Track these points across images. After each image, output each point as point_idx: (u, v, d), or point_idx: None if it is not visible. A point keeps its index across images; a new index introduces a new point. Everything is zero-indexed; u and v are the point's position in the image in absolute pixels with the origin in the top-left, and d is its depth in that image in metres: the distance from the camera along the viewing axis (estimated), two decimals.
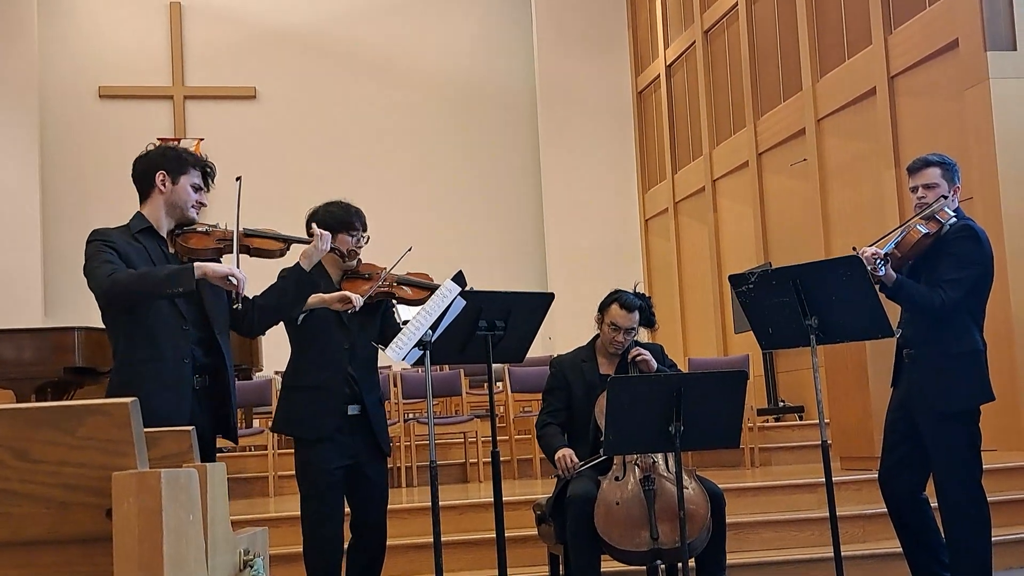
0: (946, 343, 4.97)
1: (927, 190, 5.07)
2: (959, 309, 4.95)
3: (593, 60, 17.53)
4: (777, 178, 13.43)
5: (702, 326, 15.52)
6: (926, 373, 5.01)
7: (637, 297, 5.59)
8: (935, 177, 5.07)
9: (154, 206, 4.33)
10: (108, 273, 4.03)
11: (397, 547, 6.39)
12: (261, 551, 2.86)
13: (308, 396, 4.92)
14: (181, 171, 4.29)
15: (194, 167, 4.32)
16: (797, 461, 9.62)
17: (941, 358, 4.98)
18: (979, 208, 9.42)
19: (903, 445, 5.14)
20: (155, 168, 4.31)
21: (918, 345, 5.05)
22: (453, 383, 10.18)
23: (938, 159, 5.14)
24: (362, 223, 5.00)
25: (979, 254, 5.00)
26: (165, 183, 4.28)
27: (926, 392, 4.99)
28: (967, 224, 5.04)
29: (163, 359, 4.12)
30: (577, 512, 5.13)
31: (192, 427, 2.69)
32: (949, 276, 4.93)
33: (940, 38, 10.14)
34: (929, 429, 4.99)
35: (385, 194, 15.90)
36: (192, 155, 4.38)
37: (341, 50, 17.59)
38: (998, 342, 9.11)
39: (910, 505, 5.15)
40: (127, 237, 4.22)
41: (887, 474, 5.21)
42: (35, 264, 15.93)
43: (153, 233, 4.29)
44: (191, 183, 4.30)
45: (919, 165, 5.14)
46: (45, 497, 2.30)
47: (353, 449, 4.91)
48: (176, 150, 4.38)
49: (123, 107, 17.01)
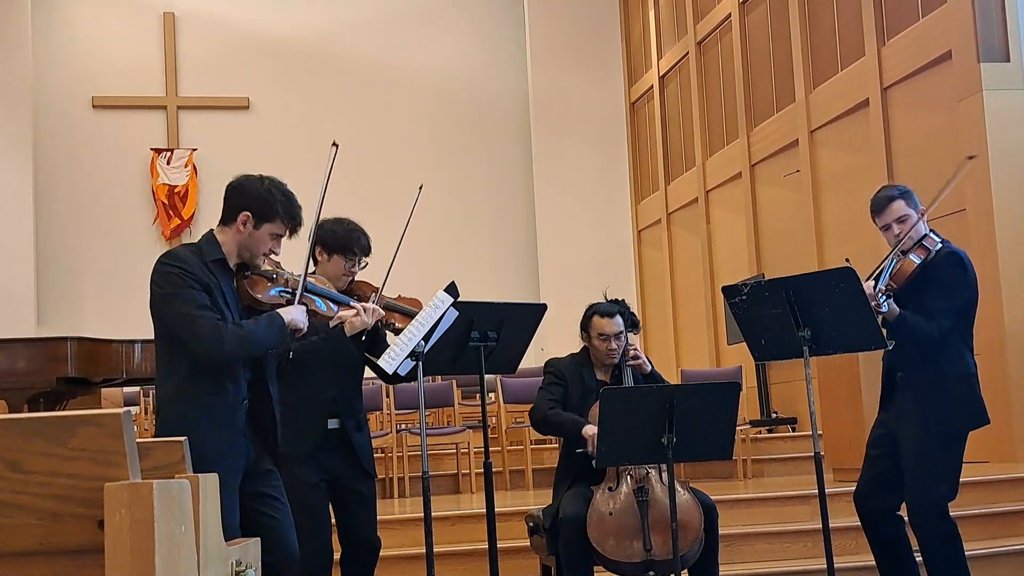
0: (939, 366, 4.97)
1: (901, 224, 5.02)
2: (951, 333, 4.97)
3: (586, 71, 17.54)
4: (770, 189, 13.44)
5: (695, 337, 15.52)
6: (919, 395, 4.98)
7: (612, 303, 5.58)
8: (903, 209, 5.03)
9: (229, 238, 4.13)
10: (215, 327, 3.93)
11: (389, 558, 6.38)
12: (253, 562, 2.86)
13: (289, 412, 4.92)
14: (267, 219, 4.11)
15: (283, 219, 4.14)
16: (790, 473, 9.62)
17: (935, 380, 4.97)
18: (972, 221, 9.44)
19: (886, 460, 5.11)
20: (243, 207, 4.11)
21: (910, 368, 5.02)
22: (445, 394, 10.17)
23: (898, 191, 5.10)
24: (363, 249, 4.96)
25: (965, 280, 5.01)
26: (247, 225, 4.10)
27: (920, 413, 4.96)
28: (953, 252, 5.05)
29: (225, 398, 4.04)
30: (569, 533, 5.13)
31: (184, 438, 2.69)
32: (940, 306, 4.93)
33: (933, 50, 10.16)
34: (915, 447, 4.96)
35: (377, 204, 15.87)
36: (288, 205, 4.17)
37: (334, 61, 17.59)
38: (991, 356, 9.13)
39: (886, 521, 5.15)
40: (200, 263, 4.04)
41: (866, 489, 5.18)
42: (28, 274, 15.88)
43: (224, 266, 4.12)
44: (272, 232, 4.14)
45: (883, 203, 5.08)
46: (37, 508, 2.29)
47: (334, 467, 4.91)
48: (273, 195, 4.14)
49: (117, 117, 16.99)
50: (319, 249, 4.89)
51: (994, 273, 9.16)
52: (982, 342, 9.27)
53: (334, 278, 4.87)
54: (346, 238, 4.92)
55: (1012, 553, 6.67)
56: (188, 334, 3.95)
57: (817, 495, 5.06)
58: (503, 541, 5.76)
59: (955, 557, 4.98)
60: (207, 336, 3.91)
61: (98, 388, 8.98)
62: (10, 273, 15.68)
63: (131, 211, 16.85)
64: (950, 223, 9.70)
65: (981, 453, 8.71)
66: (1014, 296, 9.17)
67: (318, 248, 4.89)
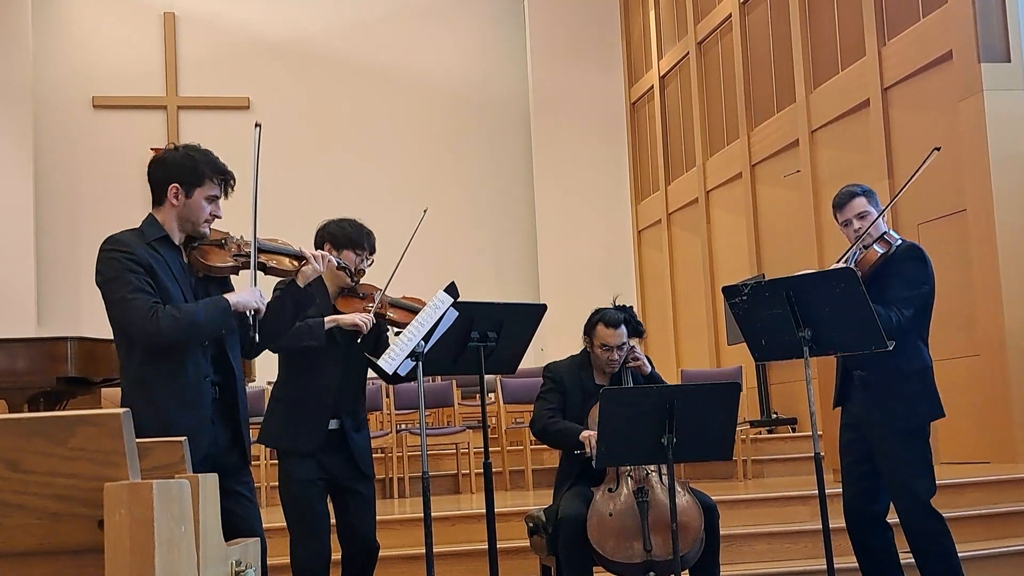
0: (897, 362, 4.99)
1: (861, 220, 5.10)
2: (910, 328, 4.98)
3: (586, 71, 17.54)
4: (770, 189, 13.44)
5: (695, 337, 15.51)
6: (880, 393, 5.03)
7: (618, 310, 5.55)
8: (864, 206, 5.12)
9: (167, 215, 4.03)
10: (148, 310, 3.82)
11: (389, 558, 6.38)
12: (253, 562, 2.86)
13: (291, 410, 4.95)
14: (196, 183, 4.00)
15: (211, 178, 4.03)
16: (790, 473, 9.61)
17: (894, 377, 5.01)
18: (972, 221, 9.43)
19: (861, 465, 5.15)
20: (169, 180, 4.00)
21: (870, 366, 5.05)
22: (445, 394, 10.17)
23: (860, 189, 5.19)
24: (371, 245, 5.01)
25: (925, 274, 5.08)
26: (178, 197, 3.99)
27: (884, 411, 5.01)
28: (915, 245, 5.16)
29: (185, 379, 3.93)
30: (568, 534, 5.12)
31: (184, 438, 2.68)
32: (902, 295, 4.98)
33: (934, 50, 10.15)
34: (887, 447, 5.00)
35: (377, 204, 15.88)
36: (211, 162, 4.06)
37: (334, 60, 17.58)
38: (991, 356, 9.13)
39: (874, 529, 5.16)
40: (143, 244, 3.95)
41: (850, 500, 5.20)
42: (28, 273, 15.89)
43: (169, 242, 4.02)
44: (206, 195, 4.02)
45: (845, 199, 5.17)
46: (37, 508, 2.29)
47: (334, 467, 4.92)
48: (194, 158, 4.04)
49: (117, 117, 16.98)
50: (328, 246, 4.92)
51: (994, 273, 9.15)
52: (982, 342, 9.33)
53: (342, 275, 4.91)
54: (355, 233, 4.98)
55: (1012, 553, 6.66)
56: (123, 318, 3.88)
57: (817, 495, 5.06)
58: (503, 541, 5.75)
59: (947, 557, 4.99)
60: (139, 319, 3.83)
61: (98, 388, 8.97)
62: (10, 273, 15.68)
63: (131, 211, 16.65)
64: (950, 223, 9.70)
65: (981, 453, 8.72)
66: (1014, 296, 9.16)
67: (327, 245, 4.92)
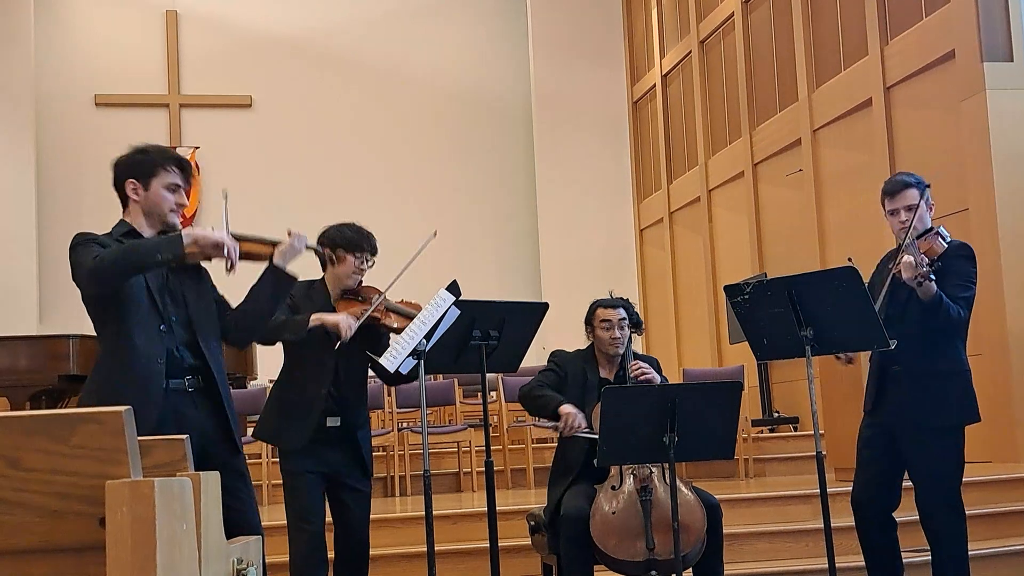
0: (934, 360, 4.95)
1: (909, 212, 4.99)
2: (959, 328, 4.95)
3: (589, 70, 17.53)
4: (772, 188, 13.43)
5: (697, 336, 15.51)
6: (915, 389, 4.96)
7: (615, 299, 5.63)
8: (915, 198, 5.01)
9: (134, 215, 4.06)
10: (94, 256, 3.82)
11: (390, 556, 6.39)
12: (255, 560, 2.85)
13: (288, 407, 4.97)
14: (150, 174, 4.02)
15: (163, 167, 4.04)
16: (792, 472, 9.61)
17: (930, 374, 4.96)
18: (975, 220, 9.42)
19: (881, 462, 5.11)
20: (124, 177, 4.04)
21: (907, 361, 4.99)
22: (447, 392, 10.17)
23: (915, 180, 5.08)
24: (371, 248, 5.04)
25: (975, 274, 5.02)
26: (137, 191, 4.03)
27: (918, 407, 4.95)
28: (965, 244, 5.07)
29: (136, 357, 3.90)
30: (570, 531, 5.11)
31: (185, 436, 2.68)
32: (960, 294, 4.90)
33: (936, 49, 10.14)
34: (917, 444, 4.96)
35: (380, 203, 15.88)
36: (161, 151, 4.11)
37: (337, 59, 17.58)
38: (992, 356, 9.13)
39: (882, 526, 5.15)
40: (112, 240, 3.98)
41: (863, 493, 5.17)
42: (31, 272, 15.92)
43: (136, 236, 4.03)
44: (164, 184, 4.03)
45: (898, 187, 5.06)
46: (38, 506, 2.29)
47: (333, 462, 4.96)
48: (145, 151, 4.08)
49: (119, 115, 16.97)
50: (328, 250, 4.94)
51: (996, 273, 9.14)
52: (984, 342, 9.32)
53: (344, 277, 5.02)
54: (356, 236, 5.02)
55: (1013, 553, 6.66)
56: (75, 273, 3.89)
57: (819, 495, 5.05)
58: (504, 540, 5.75)
59: (962, 559, 4.98)
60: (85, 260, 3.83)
61: None
62: (12, 271, 15.70)
63: None
64: (952, 223, 9.69)
65: (983, 453, 8.70)
66: (1016, 296, 9.15)
67: (327, 249, 4.94)
